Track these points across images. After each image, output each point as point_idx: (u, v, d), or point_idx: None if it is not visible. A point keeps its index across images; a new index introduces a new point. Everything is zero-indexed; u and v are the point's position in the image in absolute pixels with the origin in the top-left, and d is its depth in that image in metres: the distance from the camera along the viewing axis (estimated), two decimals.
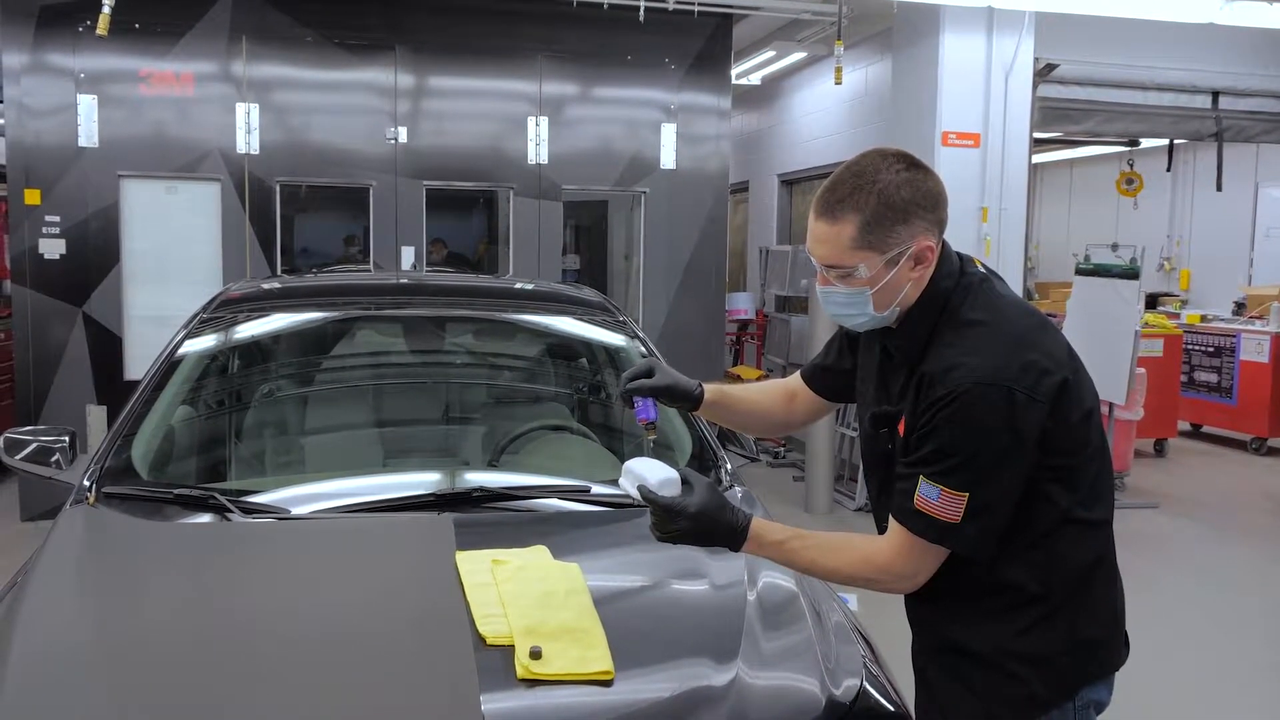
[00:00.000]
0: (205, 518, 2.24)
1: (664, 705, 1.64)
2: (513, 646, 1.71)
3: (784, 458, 7.75)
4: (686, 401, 1.93)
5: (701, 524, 1.65)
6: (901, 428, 1.65)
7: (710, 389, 1.94)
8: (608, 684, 1.66)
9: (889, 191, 1.56)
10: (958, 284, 1.64)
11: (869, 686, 1.80)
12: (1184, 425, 8.80)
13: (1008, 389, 1.53)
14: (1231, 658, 4.29)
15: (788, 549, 1.68)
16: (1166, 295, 11.26)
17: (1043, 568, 1.63)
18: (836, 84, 5.19)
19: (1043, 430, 1.56)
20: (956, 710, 1.70)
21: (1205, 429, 9.00)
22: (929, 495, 1.56)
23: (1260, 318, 8.87)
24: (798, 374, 2.03)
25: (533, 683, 1.64)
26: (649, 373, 1.90)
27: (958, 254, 1.70)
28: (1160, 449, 8.24)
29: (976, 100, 5.72)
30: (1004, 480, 1.56)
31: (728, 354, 8.09)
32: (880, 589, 1.68)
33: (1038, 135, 6.21)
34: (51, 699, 1.61)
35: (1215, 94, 6.54)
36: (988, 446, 1.53)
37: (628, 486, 1.72)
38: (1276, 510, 6.91)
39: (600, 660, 1.69)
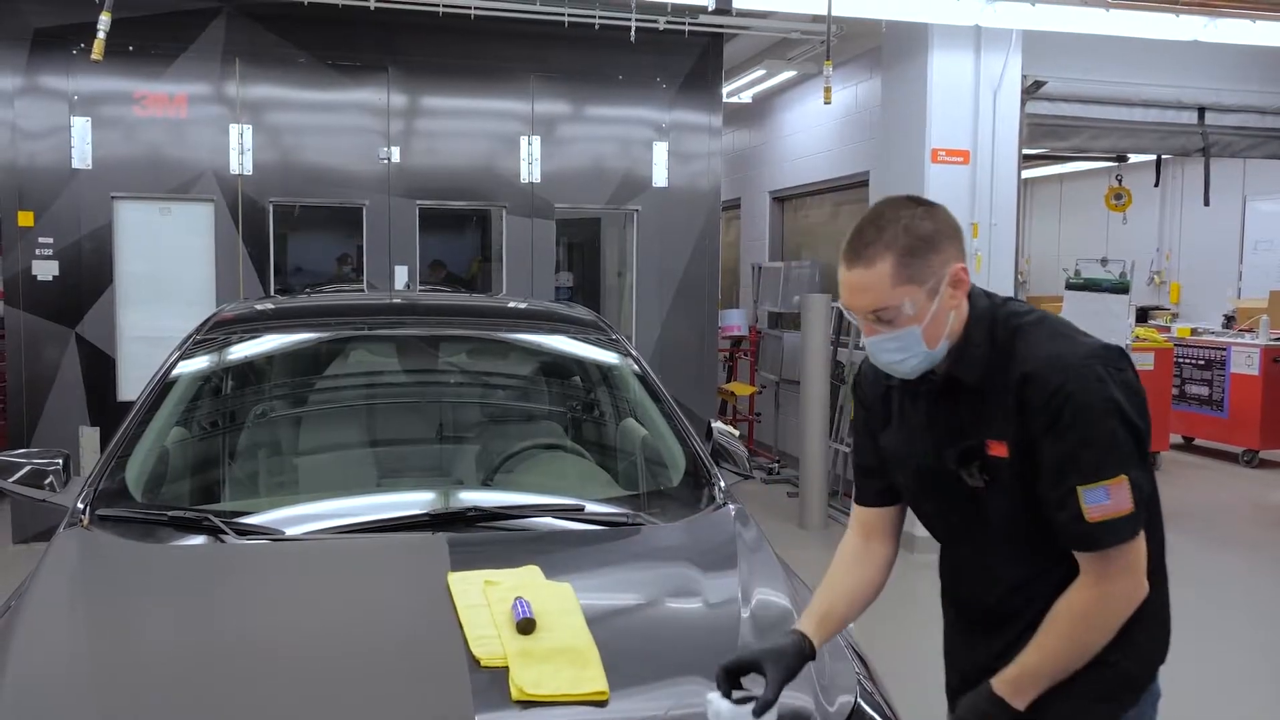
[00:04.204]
0: (199, 540, 2.24)
1: None
2: (506, 668, 1.71)
3: (778, 474, 7.75)
4: (799, 659, 1.68)
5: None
6: (998, 449, 1.62)
7: (811, 625, 1.73)
8: (602, 704, 1.66)
9: (914, 225, 1.60)
10: (989, 299, 1.70)
11: (863, 703, 1.81)
12: (1176, 438, 8.84)
13: (1104, 366, 1.56)
14: (1223, 668, 4.30)
15: (1028, 667, 1.60)
16: (1157, 309, 11.32)
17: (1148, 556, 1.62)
18: (826, 103, 5.22)
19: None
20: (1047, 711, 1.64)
21: (1197, 442, 9.04)
22: (1098, 500, 1.53)
23: (1250, 330, 8.92)
24: (854, 512, 1.91)
25: (527, 704, 1.65)
26: (748, 665, 1.65)
27: None
28: (1153, 462, 8.26)
29: (965, 117, 5.76)
30: (1142, 453, 1.59)
31: (721, 370, 8.11)
32: (1122, 616, 1.59)
33: (1026, 151, 6.25)
34: None
35: (1201, 110, 6.59)
36: (1118, 421, 1.55)
37: None
38: (1267, 522, 6.93)
39: (594, 680, 1.69)
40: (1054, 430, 1.55)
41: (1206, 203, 7.14)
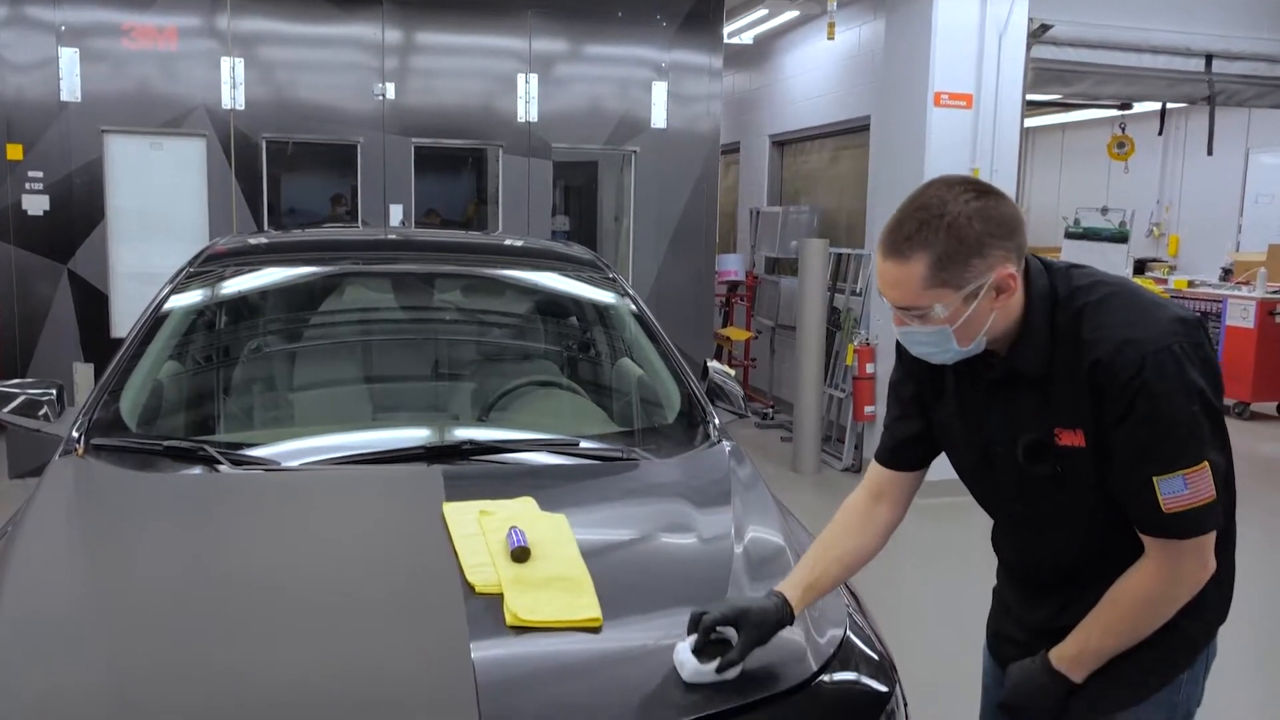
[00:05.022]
0: (195, 469, 2.24)
1: (651, 652, 1.66)
2: (501, 595, 1.73)
3: (772, 419, 7.79)
4: (777, 625, 1.64)
5: (1030, 697, 1.63)
6: (1071, 438, 1.53)
7: (796, 591, 1.68)
8: (596, 631, 1.68)
9: (959, 224, 1.45)
10: (1050, 277, 1.57)
11: (852, 635, 1.82)
12: None
13: (1181, 346, 1.47)
14: None
15: (1089, 645, 1.59)
16: (1155, 261, 11.30)
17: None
18: (829, 39, 5.13)
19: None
20: (1106, 676, 1.62)
21: None
22: (1175, 490, 1.45)
23: (1247, 283, 8.91)
24: (871, 470, 1.83)
25: (521, 629, 1.66)
26: (725, 621, 1.61)
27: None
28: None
29: (970, 61, 5.67)
30: (1219, 431, 1.51)
31: (717, 315, 8.09)
32: (1186, 598, 1.55)
33: (1031, 97, 6.18)
34: (42, 651, 1.61)
35: (1208, 57, 6.50)
36: (1198, 406, 1.46)
37: None
38: (1257, 474, 6.99)
39: (588, 608, 1.70)
40: (1128, 420, 1.46)
41: (1210, 152, 7.08)
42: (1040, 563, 1.72)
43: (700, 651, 1.58)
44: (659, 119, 6.49)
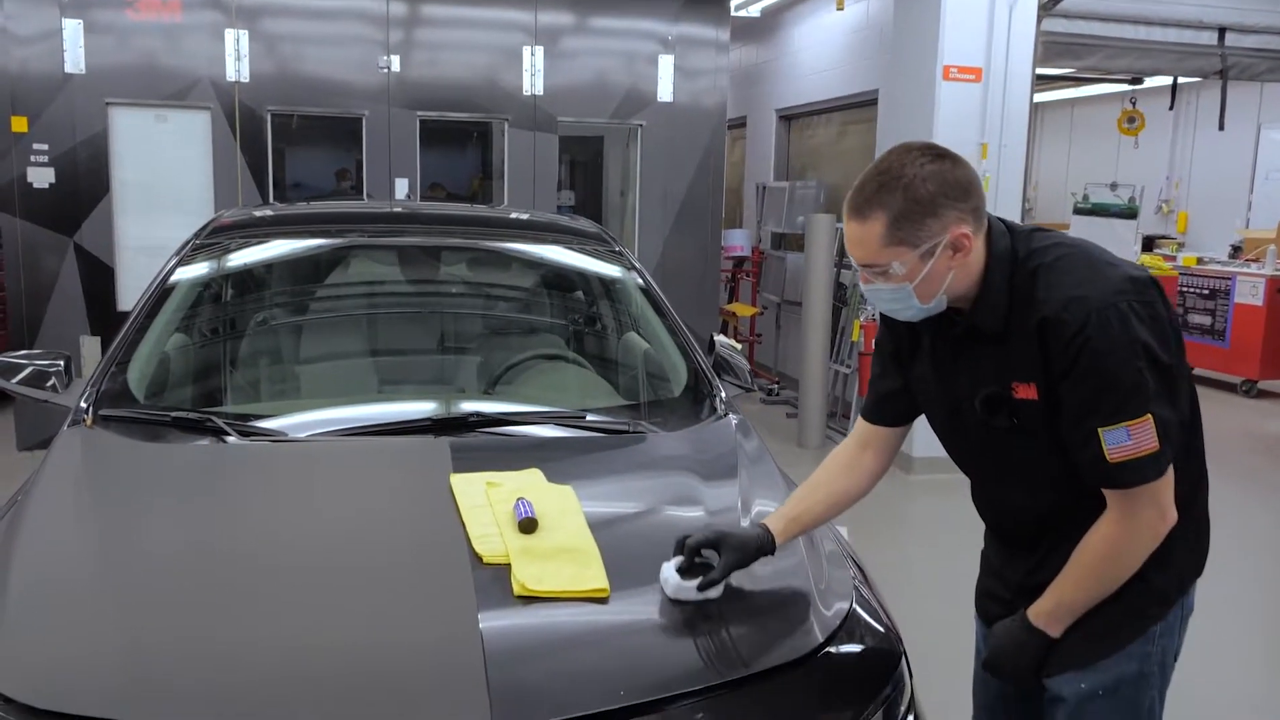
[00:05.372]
0: (203, 440, 2.25)
1: (658, 622, 1.67)
2: (508, 565, 1.73)
3: (778, 395, 7.79)
4: (757, 551, 1.76)
5: (1011, 654, 1.71)
6: (1026, 391, 1.60)
7: (780, 524, 1.81)
8: (603, 601, 1.69)
9: (914, 186, 1.54)
10: (1012, 239, 1.64)
11: (858, 608, 1.83)
12: None
13: (1129, 304, 1.52)
14: (1216, 597, 4.36)
15: (1063, 600, 1.66)
16: (1164, 238, 11.23)
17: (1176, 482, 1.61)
18: (838, 10, 5.08)
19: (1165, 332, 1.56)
20: (1081, 629, 1.68)
21: (1196, 371, 9.05)
22: (1119, 440, 1.52)
23: (1256, 260, 8.86)
24: (858, 423, 1.94)
25: (529, 600, 1.67)
26: (708, 543, 1.74)
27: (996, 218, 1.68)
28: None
29: (979, 34, 5.61)
30: (1169, 387, 1.55)
31: (723, 291, 8.07)
32: (1149, 548, 1.61)
33: (1041, 71, 6.11)
34: (51, 621, 1.62)
35: (1221, 30, 6.43)
36: (1144, 361, 1.52)
37: None
38: (1262, 451, 6.98)
39: (595, 578, 1.71)
40: (1073, 374, 1.54)
41: (1221, 126, 7.02)
42: (1013, 518, 1.80)
43: (684, 573, 1.69)
44: (665, 93, 6.45)
